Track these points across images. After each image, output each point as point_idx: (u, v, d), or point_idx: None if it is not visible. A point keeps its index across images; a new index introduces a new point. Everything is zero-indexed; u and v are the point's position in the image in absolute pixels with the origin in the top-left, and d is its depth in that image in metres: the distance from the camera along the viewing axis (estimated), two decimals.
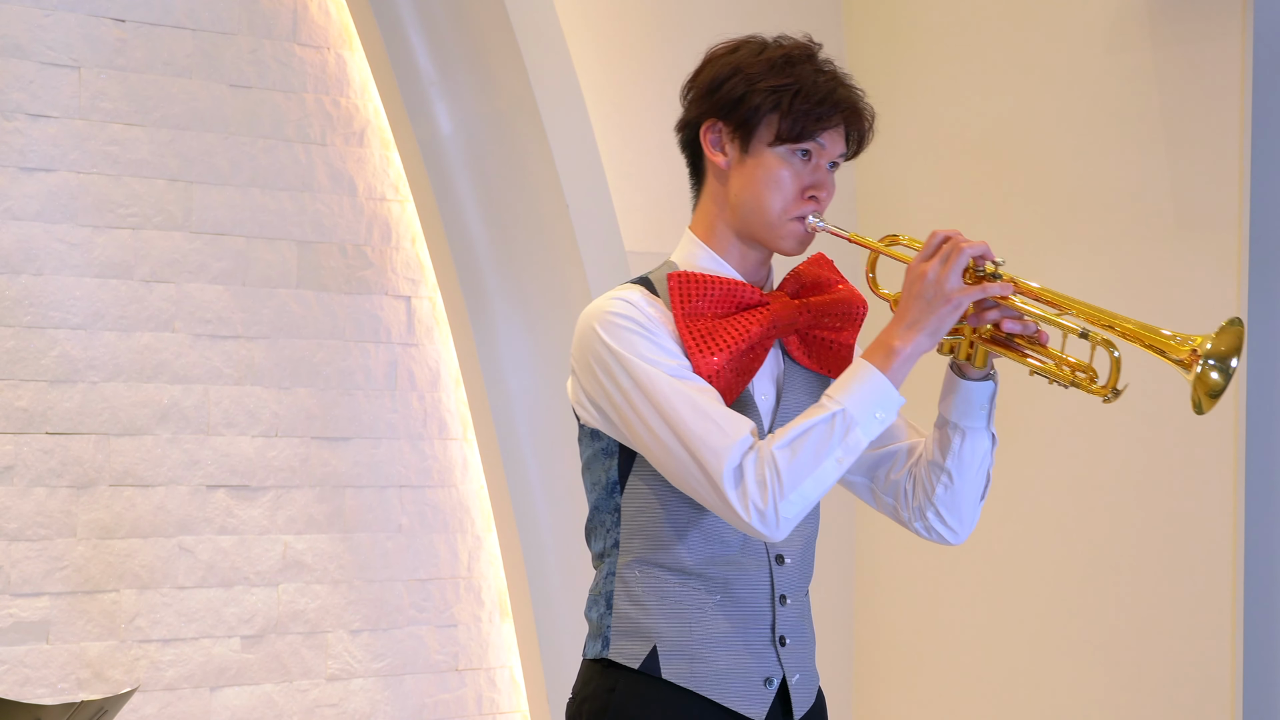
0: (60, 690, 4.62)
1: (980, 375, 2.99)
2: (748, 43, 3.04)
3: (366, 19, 5.09)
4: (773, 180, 2.99)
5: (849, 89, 3.01)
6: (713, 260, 3.04)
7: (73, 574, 4.66)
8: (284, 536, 4.98)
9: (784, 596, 3.00)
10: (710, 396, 2.92)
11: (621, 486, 3.02)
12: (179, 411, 4.84)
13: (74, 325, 4.69)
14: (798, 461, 2.86)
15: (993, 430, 3.02)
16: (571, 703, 3.05)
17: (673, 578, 2.98)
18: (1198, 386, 2.83)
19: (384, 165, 5.19)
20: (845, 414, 2.87)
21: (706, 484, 2.88)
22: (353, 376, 5.11)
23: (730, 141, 3.01)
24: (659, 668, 2.97)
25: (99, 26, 4.74)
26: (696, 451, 2.87)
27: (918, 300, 2.91)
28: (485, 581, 5.32)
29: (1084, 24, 5.22)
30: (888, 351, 2.91)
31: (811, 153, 2.99)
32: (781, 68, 2.98)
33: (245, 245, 4.94)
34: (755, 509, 2.85)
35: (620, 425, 2.95)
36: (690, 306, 2.97)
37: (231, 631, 4.89)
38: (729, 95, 2.99)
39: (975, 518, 3.09)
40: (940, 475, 3.05)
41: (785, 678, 3.01)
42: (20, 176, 4.62)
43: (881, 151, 5.62)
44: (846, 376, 2.92)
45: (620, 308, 2.96)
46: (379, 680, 5.11)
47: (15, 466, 4.59)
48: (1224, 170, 4.95)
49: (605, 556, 3.04)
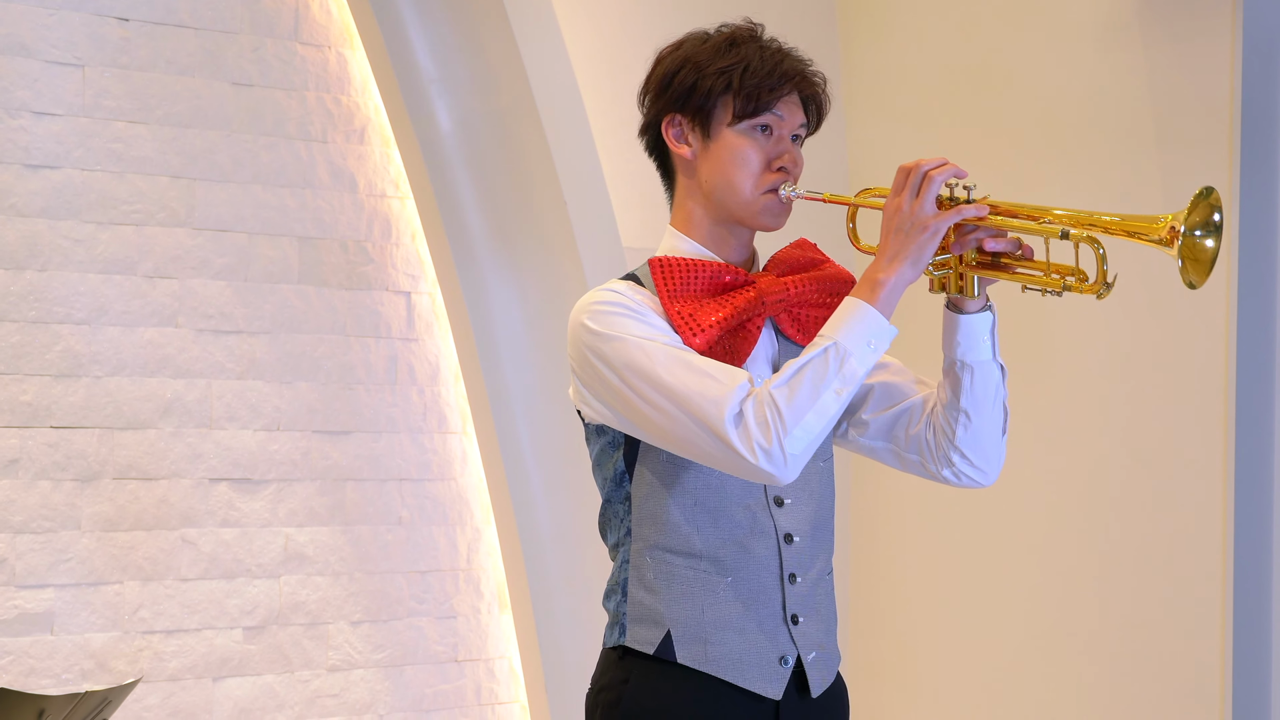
0: (64, 681, 4.62)
1: (977, 307, 2.99)
2: (691, 36, 3.07)
3: (367, 18, 5.09)
4: (739, 158, 3.01)
5: (795, 59, 3.04)
6: (695, 249, 3.06)
7: (77, 566, 4.66)
8: (285, 529, 4.98)
9: (794, 575, 3.00)
10: (704, 358, 2.93)
11: (630, 475, 3.02)
12: (182, 405, 4.84)
13: (78, 320, 4.68)
14: (797, 397, 2.85)
15: (1000, 361, 3.02)
16: (590, 692, 3.06)
17: (683, 561, 2.99)
18: (1187, 261, 2.82)
19: (384, 162, 5.20)
20: (838, 346, 2.87)
21: (710, 437, 2.88)
22: (353, 371, 5.11)
23: (691, 131, 3.04)
24: (674, 652, 2.98)
25: (103, 25, 4.73)
26: (696, 408, 2.88)
27: (896, 234, 2.92)
28: (484, 573, 5.31)
29: (1075, 24, 5.20)
30: (873, 285, 2.91)
31: (771, 126, 3.01)
32: (726, 50, 3.02)
33: (247, 241, 4.94)
34: (760, 449, 2.85)
35: (621, 409, 2.96)
36: (675, 288, 2.99)
37: (234, 623, 4.89)
38: (682, 86, 3.02)
39: (1000, 454, 3.08)
40: (958, 416, 3.03)
41: (800, 656, 3.01)
42: (25, 173, 4.61)
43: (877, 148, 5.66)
44: (836, 315, 2.92)
45: (606, 296, 2.98)
46: (379, 671, 5.11)
47: (20, 460, 4.59)
48: (1214, 167, 4.92)
49: (619, 546, 3.05)
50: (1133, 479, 5.13)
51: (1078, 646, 5.22)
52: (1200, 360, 4.98)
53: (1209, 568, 4.98)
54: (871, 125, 5.66)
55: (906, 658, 5.61)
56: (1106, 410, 5.16)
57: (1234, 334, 4.93)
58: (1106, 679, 5.17)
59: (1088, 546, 5.22)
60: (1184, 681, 5.01)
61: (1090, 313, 5.16)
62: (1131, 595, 5.11)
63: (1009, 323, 5.22)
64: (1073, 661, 5.23)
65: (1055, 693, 5.27)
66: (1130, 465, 5.14)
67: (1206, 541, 4.98)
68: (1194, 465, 5.00)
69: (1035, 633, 5.31)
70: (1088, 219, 2.87)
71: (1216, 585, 4.95)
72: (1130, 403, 5.11)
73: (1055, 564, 5.27)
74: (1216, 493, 4.96)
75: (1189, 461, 5.01)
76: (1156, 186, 5.04)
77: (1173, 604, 5.03)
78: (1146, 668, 5.09)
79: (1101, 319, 5.17)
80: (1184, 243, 2.81)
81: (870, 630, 5.67)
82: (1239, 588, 4.93)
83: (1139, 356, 5.11)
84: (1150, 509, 5.09)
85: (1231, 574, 4.93)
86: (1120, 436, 5.16)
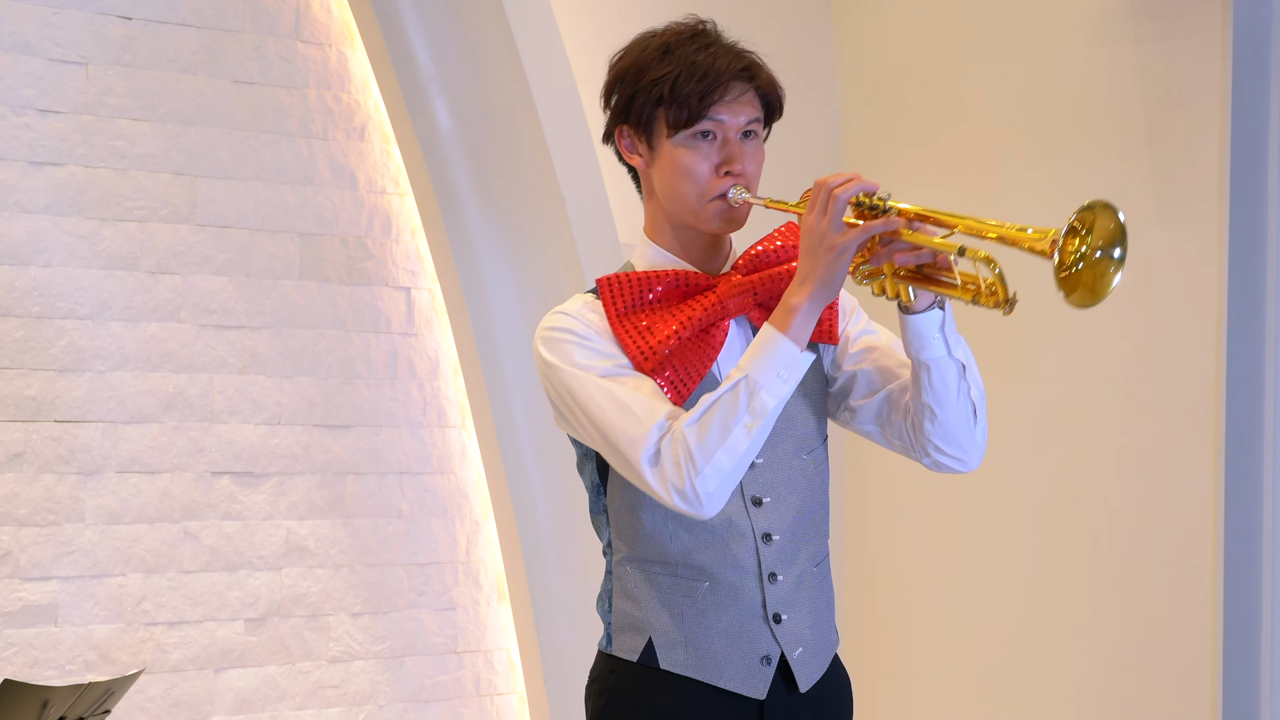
0: (68, 672, 4.62)
1: (924, 307, 2.92)
2: (637, 39, 3.03)
3: (367, 17, 5.10)
4: (680, 170, 2.97)
5: (734, 55, 2.98)
6: (664, 256, 3.04)
7: (80, 558, 4.66)
8: (287, 522, 4.98)
9: (774, 574, 2.98)
10: (637, 388, 2.92)
11: (604, 489, 3.04)
12: (184, 400, 4.84)
13: (82, 315, 4.69)
14: (706, 436, 2.83)
15: (958, 357, 2.95)
16: (587, 684, 3.07)
17: (661, 570, 2.99)
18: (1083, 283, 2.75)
19: (384, 159, 5.20)
20: (748, 380, 2.84)
21: (633, 472, 2.88)
22: (354, 366, 5.11)
23: (639, 142, 3.01)
24: (656, 659, 2.98)
25: (106, 24, 4.73)
26: (618, 444, 2.88)
27: (808, 254, 2.86)
28: (483, 566, 5.31)
29: (1069, 21, 5.19)
30: (786, 311, 2.87)
31: (713, 131, 2.96)
32: (660, 59, 2.97)
33: (249, 238, 4.94)
34: (674, 489, 2.84)
35: (574, 428, 2.97)
36: (623, 307, 2.97)
37: (235, 614, 4.89)
38: (624, 98, 3.00)
39: (976, 444, 3.01)
40: (924, 412, 2.98)
41: (785, 653, 2.99)
42: (29, 170, 4.62)
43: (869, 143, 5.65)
44: (752, 344, 2.88)
45: (557, 321, 2.97)
46: (379, 662, 5.11)
47: (24, 454, 4.59)
48: (1205, 164, 4.92)
49: (605, 554, 3.06)
50: (1125, 468, 5.12)
51: (1070, 632, 5.22)
52: (1191, 352, 4.97)
53: (1200, 555, 4.97)
54: (867, 119, 5.64)
55: (899, 643, 5.60)
56: (1099, 401, 5.15)
57: (1224, 328, 4.92)
58: (1099, 664, 5.16)
59: (1080, 534, 5.21)
60: (1175, 666, 5.01)
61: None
62: (1124, 582, 5.11)
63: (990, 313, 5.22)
64: (1065, 646, 5.23)
65: (1048, 677, 5.27)
66: (1122, 455, 5.13)
67: (1198, 529, 4.97)
68: (1185, 454, 5.00)
69: (1028, 619, 5.31)
70: (991, 230, 2.79)
71: (1207, 572, 4.95)
72: (1123, 393, 5.10)
73: (1048, 550, 5.27)
74: (1208, 481, 4.96)
75: (1180, 451, 5.01)
76: (1148, 182, 5.03)
77: (1164, 591, 5.03)
78: (1139, 654, 5.08)
79: (1094, 311, 5.16)
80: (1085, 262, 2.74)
81: (863, 617, 5.65)
82: (1229, 575, 4.93)
83: (1131, 347, 5.10)
84: (1142, 497, 5.09)
85: (1222, 562, 4.92)
86: (1113, 426, 5.15)
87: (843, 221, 2.84)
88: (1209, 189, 4.93)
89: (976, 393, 2.99)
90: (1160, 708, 5.04)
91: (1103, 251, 2.76)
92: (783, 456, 3.02)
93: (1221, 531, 4.94)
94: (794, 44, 5.51)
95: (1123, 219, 2.76)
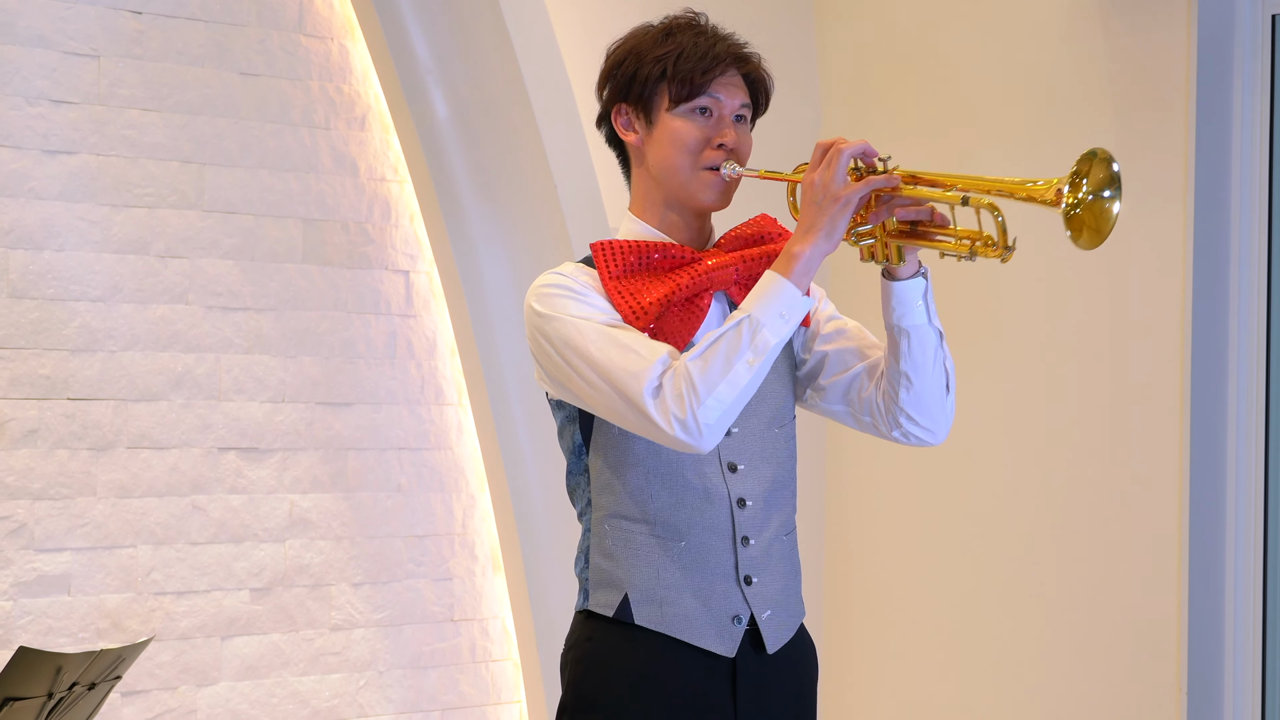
0: (81, 640, 4.63)
1: (909, 273, 2.97)
2: (636, 30, 3.11)
3: (368, 11, 5.09)
4: (678, 140, 3.03)
5: (730, 42, 3.06)
6: (647, 231, 3.09)
7: (93, 530, 4.68)
8: (290, 495, 5.00)
9: (746, 538, 3.02)
10: (634, 334, 2.94)
11: (587, 449, 3.06)
12: (192, 378, 4.85)
13: (94, 298, 4.70)
14: (710, 369, 2.86)
15: (936, 325, 3.00)
16: (562, 652, 3.10)
17: (639, 528, 3.01)
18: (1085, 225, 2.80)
19: (384, 148, 5.21)
20: (751, 319, 2.89)
21: (632, 409, 2.90)
22: (355, 346, 5.12)
23: (637, 118, 3.07)
24: (631, 614, 3.01)
25: (117, 18, 4.74)
26: (618, 381, 2.90)
27: (810, 206, 2.91)
28: (479, 537, 5.33)
29: (1040, 15, 5.20)
30: (789, 258, 2.91)
31: (710, 108, 3.03)
32: (663, 39, 3.05)
33: (254, 223, 4.95)
34: (676, 420, 2.87)
35: (565, 384, 2.99)
36: (616, 269, 3.01)
37: (241, 584, 4.91)
38: (624, 76, 3.06)
39: (946, 414, 3.06)
40: (900, 379, 3.01)
41: (754, 615, 3.03)
42: (44, 159, 4.62)
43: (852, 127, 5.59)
44: (755, 288, 2.93)
45: (551, 279, 3.02)
46: (379, 630, 5.12)
47: (39, 430, 4.60)
48: (1170, 152, 4.93)
49: (583, 515, 3.09)
50: (1089, 439, 5.12)
51: (1037, 602, 5.23)
52: (1156, 336, 4.97)
53: (1164, 524, 4.99)
54: (846, 108, 5.60)
55: (875, 611, 5.61)
56: (1066, 382, 5.15)
57: (1189, 313, 4.93)
58: (1065, 634, 5.17)
59: (1046, 506, 5.20)
60: (1140, 634, 5.02)
61: (1047, 278, 5.11)
62: (1089, 553, 5.11)
63: (967, 292, 5.24)
64: (1033, 616, 5.24)
65: (1016, 645, 5.26)
66: (1087, 426, 5.13)
67: (1162, 498, 4.99)
68: (1150, 431, 5.00)
69: (998, 589, 5.31)
70: (986, 185, 2.85)
71: (1172, 542, 4.96)
72: (1089, 375, 5.10)
73: (1016, 522, 5.26)
74: (1172, 451, 4.97)
75: (1145, 428, 5.01)
76: None
77: (1129, 559, 5.03)
78: (1104, 623, 5.08)
79: (1058, 284, 5.12)
80: (1083, 206, 2.80)
81: (841, 587, 5.65)
82: (1194, 543, 4.93)
83: (1095, 320, 5.09)
84: (1107, 467, 5.09)
85: (1187, 531, 4.92)
86: (1080, 405, 5.14)
87: (846, 174, 2.91)
88: (1175, 177, 4.93)
89: (950, 363, 3.05)
90: (1126, 674, 5.04)
91: (1099, 194, 2.81)
92: (756, 429, 3.07)
93: (1187, 497, 4.94)
94: (775, 37, 5.42)
95: (1116, 169, 2.82)
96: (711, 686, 3.02)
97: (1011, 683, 5.29)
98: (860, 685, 5.59)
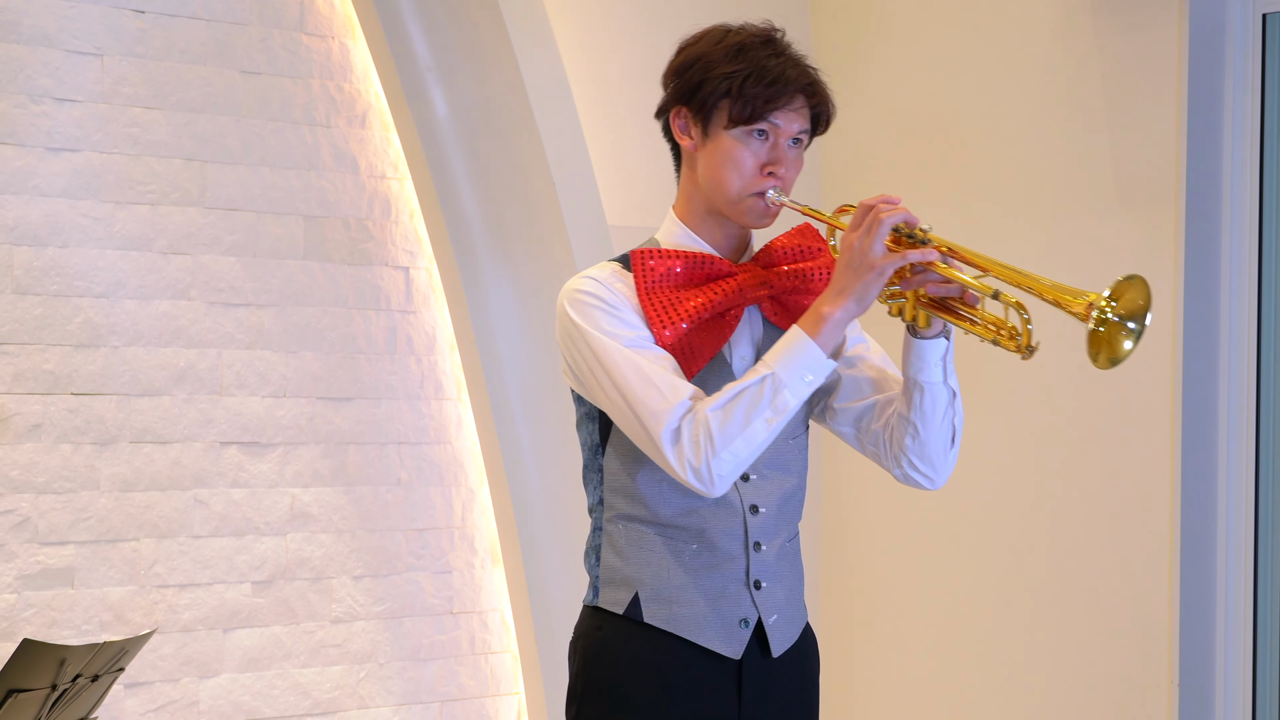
0: (84, 632, 4.64)
1: (933, 334, 2.97)
2: (710, 31, 3.05)
3: (368, 10, 5.10)
4: (730, 161, 3.00)
5: (801, 69, 3.02)
6: (688, 237, 3.07)
7: (96, 524, 4.68)
8: (291, 489, 5.00)
9: (758, 543, 3.04)
10: (660, 364, 2.95)
11: (603, 449, 3.06)
12: (194, 374, 4.85)
13: (97, 294, 4.70)
14: (729, 423, 2.88)
15: (952, 385, 3.00)
16: (571, 641, 3.12)
17: (651, 530, 3.03)
18: (1103, 341, 2.80)
19: (384, 146, 5.21)
20: (774, 377, 2.90)
21: (651, 444, 2.92)
22: (355, 341, 5.12)
23: (694, 125, 3.03)
24: (640, 612, 3.02)
25: (120, 17, 4.74)
26: (641, 414, 2.92)
27: (846, 270, 2.91)
28: (478, 531, 5.33)
29: (1033, 14, 5.22)
30: (817, 318, 2.92)
31: (768, 132, 3.00)
32: (735, 55, 2.99)
33: (256, 220, 4.95)
34: (690, 467, 2.89)
35: (590, 391, 3.00)
36: (653, 281, 3.00)
37: (243, 577, 4.91)
38: (689, 83, 3.02)
39: (947, 465, 3.06)
40: (908, 428, 3.02)
41: (761, 618, 3.04)
42: (48, 156, 4.62)
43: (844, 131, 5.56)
44: (780, 343, 2.94)
45: (586, 285, 3.01)
46: (379, 622, 5.13)
47: (43, 425, 4.61)
48: (1162, 150, 4.94)
49: (593, 511, 3.09)
50: (1082, 438, 5.15)
51: (1031, 599, 5.25)
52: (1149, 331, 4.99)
53: (1156, 522, 5.00)
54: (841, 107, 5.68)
55: (871, 610, 5.62)
56: (1058, 380, 5.16)
57: (1180, 311, 4.93)
58: (1059, 631, 5.18)
59: (1040, 504, 5.22)
60: (1133, 630, 5.03)
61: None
62: (1083, 551, 5.12)
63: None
64: (1027, 613, 5.26)
65: (1010, 642, 5.30)
66: (1080, 424, 5.15)
67: (1154, 496, 5.01)
68: (1142, 429, 5.01)
69: (992, 586, 5.34)
70: (1022, 280, 2.84)
71: (1164, 539, 4.97)
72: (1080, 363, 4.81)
73: (1010, 521, 5.29)
74: (1164, 449, 4.98)
75: (1137, 426, 5.02)
76: (1108, 170, 5.03)
77: (1122, 557, 5.04)
78: (1098, 619, 5.10)
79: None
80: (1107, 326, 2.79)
81: (837, 586, 5.68)
82: (1185, 540, 4.95)
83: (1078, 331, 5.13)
84: (1099, 466, 5.11)
85: (1178, 528, 4.93)
86: (1072, 406, 5.17)
87: (884, 244, 2.90)
88: (1166, 174, 4.93)
89: (959, 420, 3.05)
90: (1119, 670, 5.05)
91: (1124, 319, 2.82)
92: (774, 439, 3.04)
93: (1178, 500, 4.95)
94: None
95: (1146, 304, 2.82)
96: (717, 685, 3.04)
97: (1006, 679, 5.30)
98: (856, 683, 5.61)
